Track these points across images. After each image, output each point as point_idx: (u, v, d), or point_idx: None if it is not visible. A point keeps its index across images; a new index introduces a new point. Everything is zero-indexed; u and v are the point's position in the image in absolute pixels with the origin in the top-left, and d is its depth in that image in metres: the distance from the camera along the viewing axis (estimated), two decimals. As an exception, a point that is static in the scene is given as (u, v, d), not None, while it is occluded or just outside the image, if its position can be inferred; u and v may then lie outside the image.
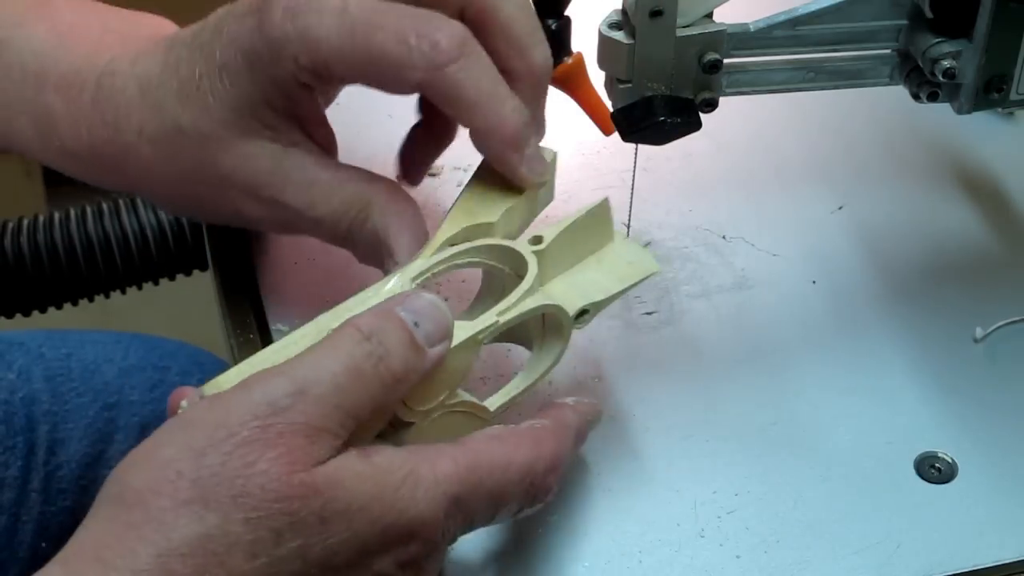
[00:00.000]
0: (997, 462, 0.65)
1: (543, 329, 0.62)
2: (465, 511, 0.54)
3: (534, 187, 0.64)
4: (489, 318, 0.57)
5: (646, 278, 0.64)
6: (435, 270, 0.60)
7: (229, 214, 0.66)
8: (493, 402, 0.60)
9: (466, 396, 0.58)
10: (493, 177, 0.64)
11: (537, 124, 0.65)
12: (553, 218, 0.64)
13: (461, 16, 0.63)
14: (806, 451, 0.65)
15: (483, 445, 0.55)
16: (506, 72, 0.62)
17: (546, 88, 0.65)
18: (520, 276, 0.60)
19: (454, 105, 0.61)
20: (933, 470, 0.65)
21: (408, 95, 0.64)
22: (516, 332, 0.61)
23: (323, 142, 0.66)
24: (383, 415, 0.54)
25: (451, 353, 0.55)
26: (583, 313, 0.61)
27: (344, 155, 0.67)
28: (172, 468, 0.49)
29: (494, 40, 0.62)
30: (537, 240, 0.61)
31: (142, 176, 0.66)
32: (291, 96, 0.63)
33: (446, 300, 0.56)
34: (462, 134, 0.67)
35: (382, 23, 0.60)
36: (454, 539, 0.55)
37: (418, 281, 0.59)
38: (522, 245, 0.61)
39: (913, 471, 0.65)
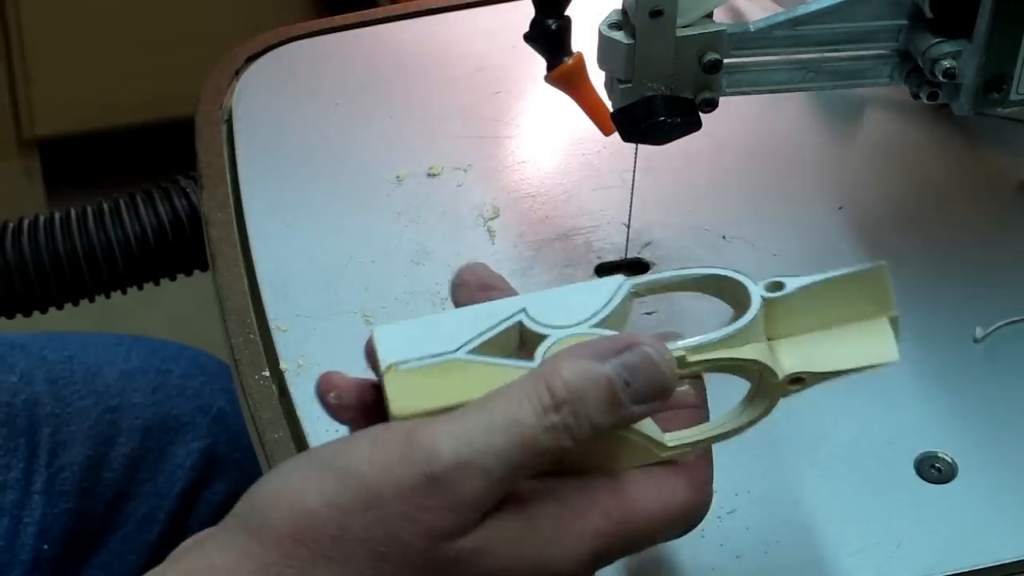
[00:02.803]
0: (997, 462, 0.65)
1: (759, 382, 0.53)
2: (606, 560, 0.50)
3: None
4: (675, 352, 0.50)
5: (878, 366, 0.54)
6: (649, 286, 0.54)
7: None
8: (672, 439, 0.51)
9: (644, 426, 0.50)
10: None
11: None
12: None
13: None
14: (806, 451, 0.65)
15: (639, 489, 0.50)
16: None
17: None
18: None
19: None
20: (933, 470, 0.65)
21: None
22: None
23: None
24: None
25: None
26: (797, 380, 0.52)
27: (344, 155, 0.67)
28: (316, 520, 0.48)
29: None
30: (776, 287, 0.52)
31: None
32: None
33: None
34: (457, 133, 0.67)
35: None
36: None
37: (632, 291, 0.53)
38: (756, 287, 0.53)
39: (913, 471, 0.65)
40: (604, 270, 0.74)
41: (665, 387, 0.49)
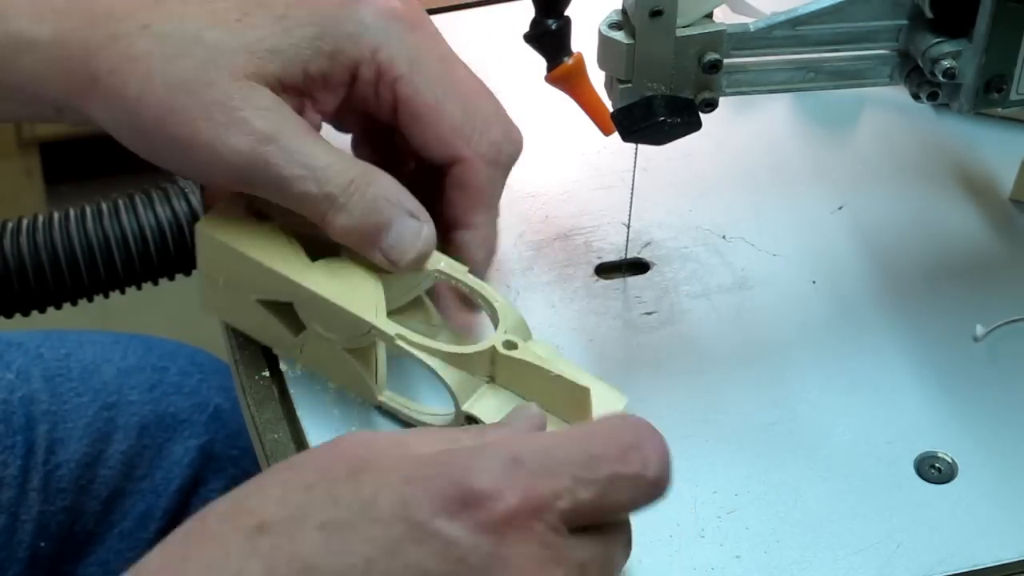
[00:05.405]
0: (997, 462, 0.65)
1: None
2: (540, 469, 0.50)
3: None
4: (392, 327, 0.61)
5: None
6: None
7: (199, 144, 0.62)
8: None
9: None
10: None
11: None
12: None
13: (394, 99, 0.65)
14: (806, 451, 0.65)
15: (555, 432, 0.54)
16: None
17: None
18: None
19: None
20: (933, 470, 0.65)
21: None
22: None
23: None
24: None
25: (346, 314, 0.61)
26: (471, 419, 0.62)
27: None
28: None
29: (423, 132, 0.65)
30: (510, 345, 0.62)
31: (116, 70, 0.62)
32: (329, 78, 0.64)
33: None
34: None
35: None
36: (552, 510, 0.50)
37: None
38: (496, 336, 0.62)
39: (913, 471, 0.65)
40: (604, 270, 0.74)
41: None
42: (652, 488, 0.52)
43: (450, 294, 0.68)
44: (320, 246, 0.64)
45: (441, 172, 0.66)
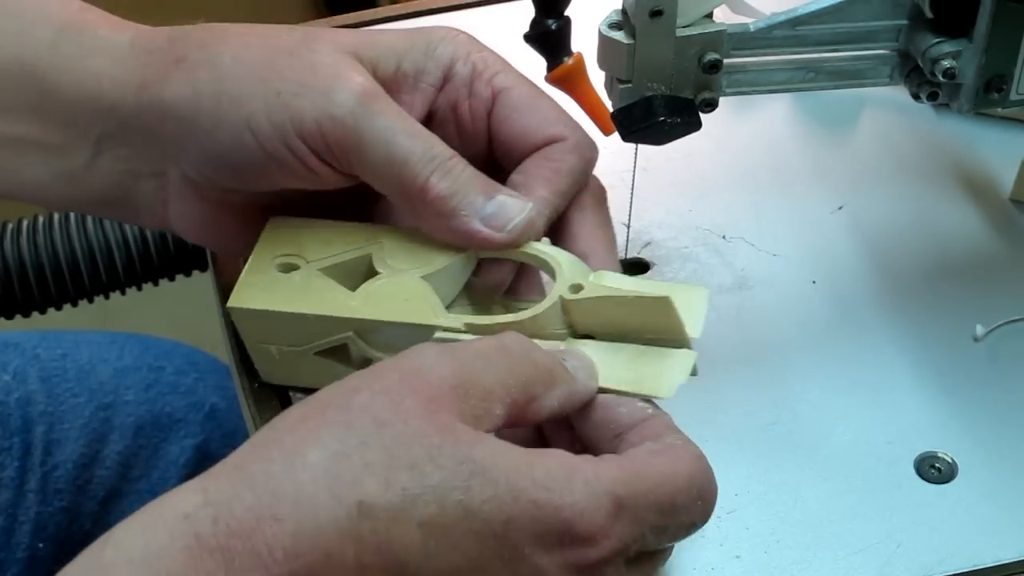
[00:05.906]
0: (997, 462, 0.65)
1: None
2: (632, 518, 0.50)
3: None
4: (458, 320, 0.59)
5: (643, 396, 0.57)
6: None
7: (307, 92, 0.59)
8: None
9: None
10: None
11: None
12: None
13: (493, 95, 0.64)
14: (806, 451, 0.65)
15: (647, 456, 0.53)
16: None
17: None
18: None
19: None
20: (933, 470, 0.65)
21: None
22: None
23: None
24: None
25: (407, 327, 0.59)
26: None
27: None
28: (321, 400, 0.51)
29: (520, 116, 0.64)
30: (576, 288, 0.59)
31: (209, 44, 0.61)
32: (420, 76, 0.63)
33: None
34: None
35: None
36: (627, 554, 0.51)
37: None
38: (559, 287, 0.59)
39: (913, 471, 0.65)
40: None
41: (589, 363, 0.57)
42: (695, 530, 0.54)
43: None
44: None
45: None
